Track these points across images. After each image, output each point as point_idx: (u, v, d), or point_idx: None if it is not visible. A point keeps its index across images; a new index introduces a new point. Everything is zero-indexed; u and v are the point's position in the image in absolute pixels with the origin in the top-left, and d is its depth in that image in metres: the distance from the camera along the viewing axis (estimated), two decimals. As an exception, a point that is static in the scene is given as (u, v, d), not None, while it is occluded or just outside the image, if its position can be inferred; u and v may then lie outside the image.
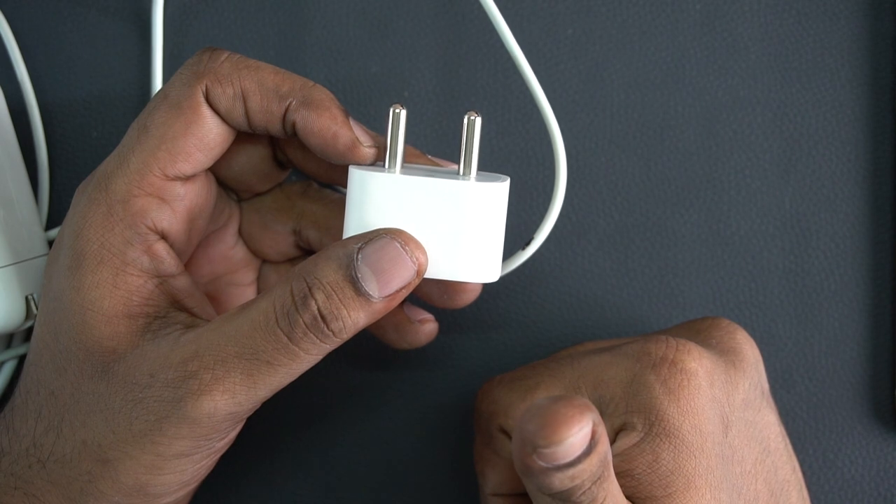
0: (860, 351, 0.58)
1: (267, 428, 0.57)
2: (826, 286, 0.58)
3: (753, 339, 0.51)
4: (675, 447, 0.46)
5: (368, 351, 0.56)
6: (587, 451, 0.41)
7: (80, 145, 0.58)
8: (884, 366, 0.58)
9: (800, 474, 0.50)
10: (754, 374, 0.50)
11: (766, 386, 0.51)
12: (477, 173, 0.47)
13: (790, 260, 0.58)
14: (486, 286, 0.51)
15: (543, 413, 0.40)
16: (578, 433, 0.40)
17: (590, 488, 0.42)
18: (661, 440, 0.46)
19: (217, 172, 0.51)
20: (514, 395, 0.50)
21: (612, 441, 0.47)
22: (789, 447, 0.50)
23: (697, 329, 0.51)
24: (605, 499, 0.42)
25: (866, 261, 0.58)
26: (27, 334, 0.57)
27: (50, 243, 0.56)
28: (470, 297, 0.51)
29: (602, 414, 0.47)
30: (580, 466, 0.41)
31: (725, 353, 0.49)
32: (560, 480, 0.41)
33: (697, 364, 0.47)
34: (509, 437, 0.50)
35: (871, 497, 0.58)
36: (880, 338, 0.58)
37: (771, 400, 0.51)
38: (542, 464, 0.41)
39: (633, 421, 0.46)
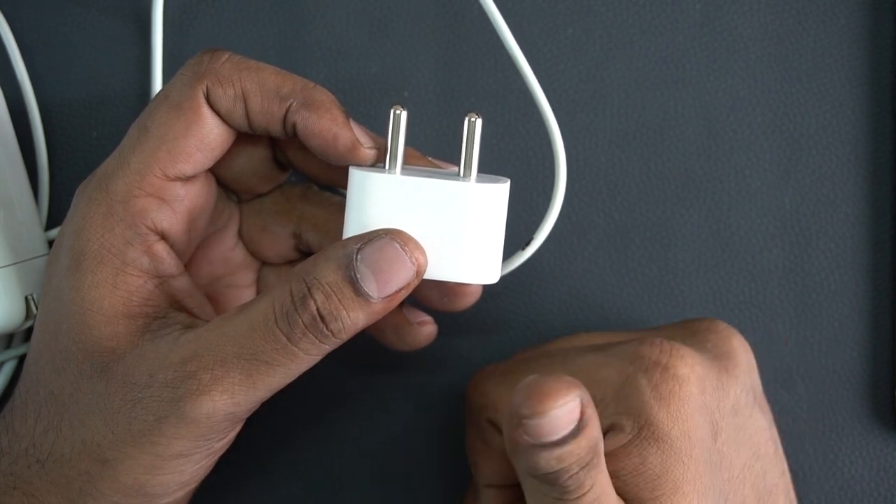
0: (860, 351, 0.58)
1: (266, 429, 0.58)
2: (826, 286, 0.58)
3: (753, 340, 0.51)
4: (663, 452, 0.46)
5: (368, 352, 0.56)
6: (574, 432, 0.41)
7: (80, 145, 0.58)
8: (884, 366, 0.58)
9: (788, 478, 0.50)
10: (746, 380, 0.50)
11: (759, 390, 0.51)
12: (477, 175, 0.47)
13: (790, 260, 0.58)
14: (485, 287, 0.51)
15: (530, 385, 0.41)
16: (563, 407, 0.41)
17: (577, 473, 0.42)
18: (650, 444, 0.46)
19: (217, 173, 0.51)
20: (504, 388, 0.50)
21: None
22: (780, 451, 0.50)
23: (694, 330, 0.51)
24: (592, 486, 0.43)
25: (866, 261, 0.58)
26: (27, 334, 0.57)
27: (50, 243, 0.56)
28: (469, 300, 0.50)
29: None
30: (567, 448, 0.41)
31: (719, 358, 0.49)
32: (546, 460, 0.41)
33: (689, 370, 0.47)
34: (498, 429, 0.50)
35: (871, 497, 0.58)
36: (880, 338, 0.58)
37: (765, 403, 0.51)
38: (528, 439, 0.41)
39: (623, 423, 0.46)
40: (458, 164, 0.47)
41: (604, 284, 0.58)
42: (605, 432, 0.47)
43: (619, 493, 0.46)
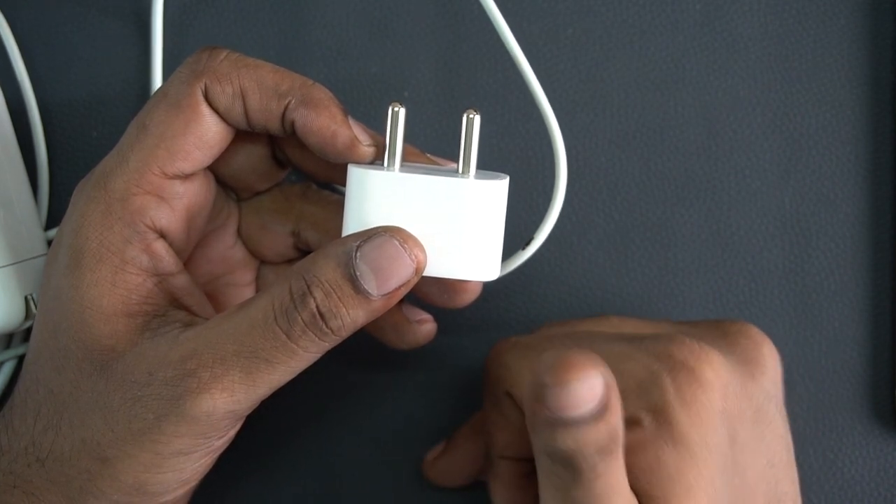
0: (860, 351, 0.58)
1: (267, 428, 0.57)
2: (826, 286, 0.58)
3: None
4: (679, 454, 0.46)
5: (368, 351, 0.56)
6: (596, 415, 0.41)
7: (79, 145, 0.58)
8: (884, 366, 0.58)
9: (797, 486, 0.50)
10: (771, 388, 0.49)
11: (781, 397, 0.50)
12: (476, 171, 0.47)
13: (790, 260, 0.58)
14: (486, 285, 0.51)
15: (554, 356, 0.41)
16: (585, 381, 0.41)
17: (593, 457, 0.42)
18: (667, 444, 0.46)
19: (216, 171, 0.51)
20: (525, 362, 0.50)
21: None
22: (793, 459, 0.50)
23: (725, 331, 0.51)
24: (606, 474, 0.42)
25: (866, 261, 0.58)
26: (27, 334, 0.57)
27: (49, 243, 0.56)
28: (470, 296, 0.50)
29: None
30: (587, 430, 0.41)
31: (746, 364, 0.49)
32: (564, 439, 0.41)
33: (715, 376, 0.47)
34: (516, 403, 0.50)
35: (871, 497, 0.58)
36: (880, 338, 0.58)
37: (784, 411, 0.50)
38: (548, 412, 0.41)
39: (641, 417, 0.46)
40: (458, 162, 0.47)
41: (604, 284, 0.58)
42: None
43: (630, 487, 0.46)
